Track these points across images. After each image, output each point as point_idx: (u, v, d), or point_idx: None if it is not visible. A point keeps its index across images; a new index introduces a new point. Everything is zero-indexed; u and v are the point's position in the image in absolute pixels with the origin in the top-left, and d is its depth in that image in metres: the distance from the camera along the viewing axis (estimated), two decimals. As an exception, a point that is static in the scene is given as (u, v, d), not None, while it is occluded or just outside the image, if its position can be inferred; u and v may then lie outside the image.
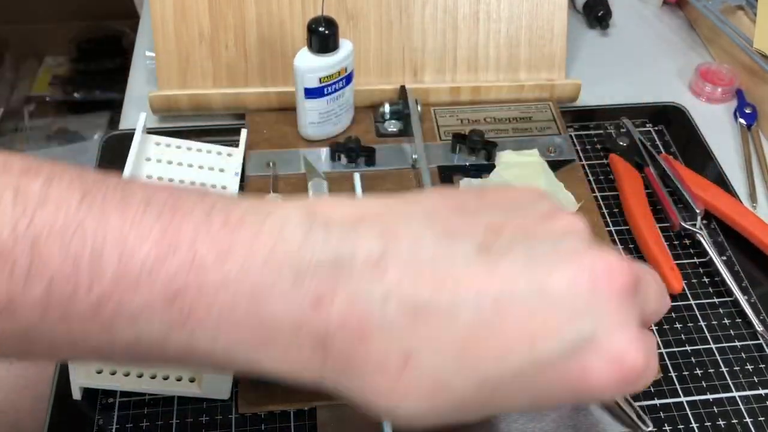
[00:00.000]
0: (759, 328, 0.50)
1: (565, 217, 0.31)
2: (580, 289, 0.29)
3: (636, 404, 0.45)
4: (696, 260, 0.54)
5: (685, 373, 0.48)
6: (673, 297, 0.51)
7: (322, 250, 0.28)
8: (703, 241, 0.54)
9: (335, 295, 0.27)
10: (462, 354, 0.28)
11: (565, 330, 0.28)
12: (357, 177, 0.57)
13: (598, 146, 0.63)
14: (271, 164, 0.58)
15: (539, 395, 0.30)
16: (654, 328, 0.50)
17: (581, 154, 0.62)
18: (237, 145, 0.58)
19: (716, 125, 0.66)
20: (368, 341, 0.27)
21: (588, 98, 0.67)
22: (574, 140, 0.63)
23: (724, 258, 0.54)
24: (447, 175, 0.59)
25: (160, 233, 0.27)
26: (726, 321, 0.50)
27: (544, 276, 0.28)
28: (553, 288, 0.28)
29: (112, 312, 0.27)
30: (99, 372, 0.44)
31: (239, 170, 0.56)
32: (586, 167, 0.61)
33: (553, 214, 0.31)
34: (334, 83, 0.57)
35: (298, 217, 0.28)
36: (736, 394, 0.47)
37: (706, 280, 0.53)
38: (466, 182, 0.57)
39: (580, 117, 0.66)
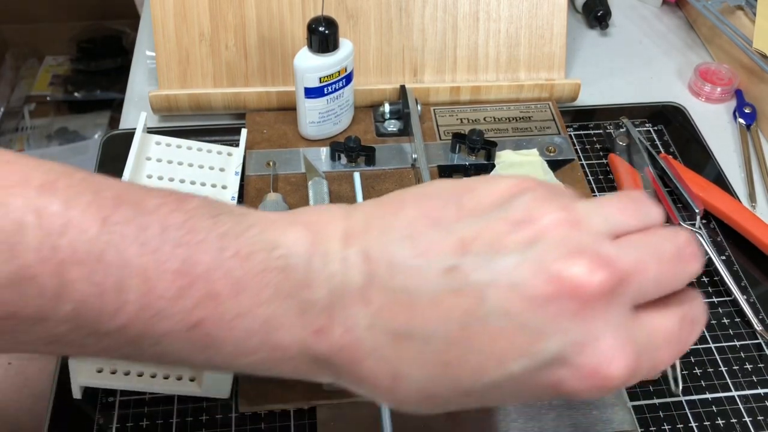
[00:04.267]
0: (758, 327, 0.50)
1: (541, 218, 0.30)
2: (545, 308, 0.28)
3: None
4: (695, 260, 0.54)
5: (685, 372, 0.48)
6: (673, 296, 0.52)
7: (321, 283, 0.30)
8: (702, 241, 0.54)
9: (333, 325, 0.30)
10: (442, 371, 0.30)
11: (532, 350, 0.29)
12: (357, 176, 0.57)
13: (598, 146, 0.63)
14: (271, 164, 0.59)
15: (522, 398, 0.33)
16: (653, 327, 0.50)
17: (581, 154, 0.62)
18: (237, 145, 0.58)
19: (715, 125, 0.66)
20: (360, 364, 0.31)
21: (587, 98, 0.67)
22: (574, 140, 0.63)
23: (723, 258, 0.54)
24: (447, 175, 0.59)
25: (179, 265, 0.29)
26: (725, 321, 0.50)
27: (508, 295, 0.29)
28: (518, 308, 0.29)
29: (137, 335, 0.29)
30: (99, 371, 0.44)
31: (239, 169, 0.56)
32: (586, 167, 0.61)
33: (529, 216, 0.30)
34: (334, 83, 0.57)
35: (301, 251, 0.31)
36: (735, 393, 0.47)
37: (705, 279, 0.53)
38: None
39: (579, 117, 0.66)
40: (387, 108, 0.63)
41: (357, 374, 0.31)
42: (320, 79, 0.56)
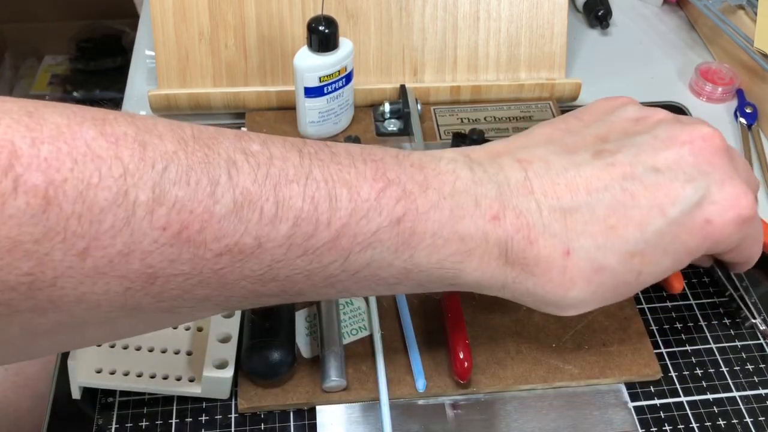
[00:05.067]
0: (761, 327, 0.50)
1: (651, 112, 0.40)
2: (686, 159, 0.37)
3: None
4: (696, 260, 0.54)
5: (685, 373, 0.47)
6: (674, 297, 0.51)
7: (487, 181, 0.36)
8: (703, 241, 0.54)
9: (505, 212, 0.35)
10: (609, 235, 0.36)
11: (685, 193, 0.37)
12: (357, 176, 0.57)
13: (599, 146, 0.63)
14: (270, 163, 0.58)
15: (677, 251, 0.37)
16: (654, 328, 0.50)
17: (581, 154, 0.62)
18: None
19: (717, 125, 0.65)
20: (536, 244, 0.35)
21: (588, 98, 0.67)
22: (575, 140, 0.63)
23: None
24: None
25: (373, 174, 0.33)
26: (726, 321, 0.50)
27: (654, 159, 0.37)
28: (664, 165, 0.37)
29: (348, 242, 0.32)
30: (99, 371, 0.44)
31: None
32: (587, 167, 0.61)
33: (641, 112, 0.40)
34: (334, 82, 0.57)
35: (460, 159, 0.36)
36: (736, 394, 0.46)
37: (706, 279, 0.53)
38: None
39: (580, 116, 0.66)
40: (387, 107, 0.63)
41: (533, 257, 0.35)
42: (320, 78, 0.56)
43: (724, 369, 0.48)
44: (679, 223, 0.37)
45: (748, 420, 0.45)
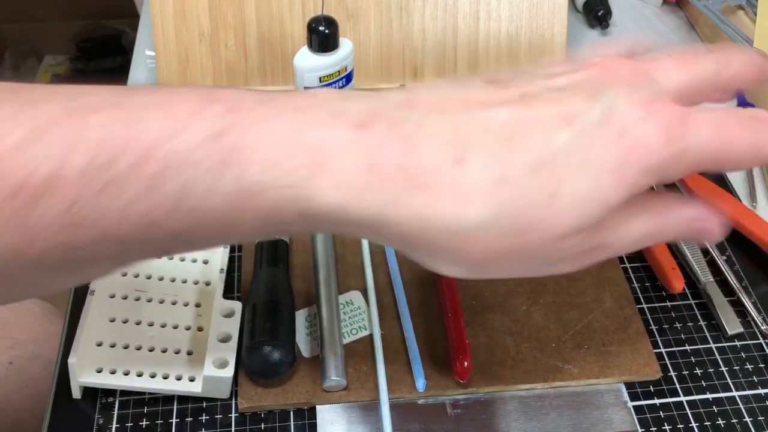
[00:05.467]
0: (762, 327, 0.50)
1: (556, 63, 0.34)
2: (592, 76, 0.32)
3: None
4: (696, 260, 0.54)
5: (685, 372, 0.48)
6: (673, 297, 0.51)
7: (357, 98, 0.30)
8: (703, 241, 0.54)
9: (377, 121, 0.29)
10: (507, 146, 0.29)
11: (590, 103, 0.30)
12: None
13: (598, 146, 0.63)
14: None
15: (595, 168, 0.30)
16: (654, 328, 0.50)
17: (581, 154, 0.62)
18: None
19: (716, 125, 0.66)
20: (416, 151, 0.28)
21: (588, 98, 0.67)
22: (574, 140, 0.63)
23: (725, 257, 0.54)
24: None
25: (196, 97, 0.28)
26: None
27: (552, 81, 0.32)
28: (567, 83, 0.32)
29: (156, 166, 0.27)
30: (99, 371, 0.44)
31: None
32: (586, 167, 0.61)
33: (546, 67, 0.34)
34: (334, 82, 0.57)
35: (326, 88, 0.31)
36: (736, 393, 0.47)
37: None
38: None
39: (580, 116, 0.66)
40: (387, 107, 0.63)
41: (414, 168, 0.28)
42: (320, 78, 0.56)
43: (723, 369, 0.48)
44: (589, 134, 0.30)
45: (748, 420, 0.45)
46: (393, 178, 0.28)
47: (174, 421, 0.44)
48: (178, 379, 0.45)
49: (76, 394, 0.45)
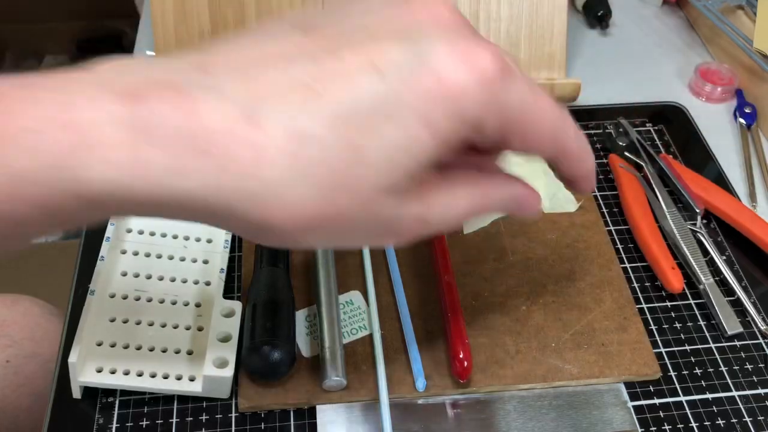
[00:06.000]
0: (761, 327, 0.50)
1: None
2: (402, 18, 0.29)
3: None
4: (696, 260, 0.54)
5: (685, 372, 0.48)
6: (673, 297, 0.52)
7: (135, 68, 0.27)
8: (703, 241, 0.54)
9: (154, 90, 0.26)
10: (309, 97, 0.27)
11: (402, 47, 0.28)
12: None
13: (598, 146, 0.63)
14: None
15: (407, 119, 0.28)
16: (654, 328, 0.50)
17: (581, 154, 0.62)
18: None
19: (716, 125, 0.66)
20: (196, 112, 0.26)
21: (588, 98, 0.67)
22: (574, 140, 0.63)
23: (724, 257, 0.54)
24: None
25: None
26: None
27: (366, 17, 0.29)
28: (375, 24, 0.29)
29: None
30: (99, 371, 0.44)
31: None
32: (586, 167, 0.61)
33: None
34: (334, 82, 0.57)
35: (111, 59, 0.28)
36: (735, 393, 0.47)
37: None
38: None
39: (579, 116, 0.66)
40: (387, 107, 0.63)
41: (196, 131, 0.26)
42: (320, 78, 0.56)
43: (723, 369, 0.48)
44: (400, 80, 0.27)
45: (748, 420, 0.45)
46: (172, 145, 0.25)
47: (174, 421, 0.45)
48: (178, 379, 0.45)
49: (76, 394, 0.45)
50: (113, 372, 0.44)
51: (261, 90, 0.27)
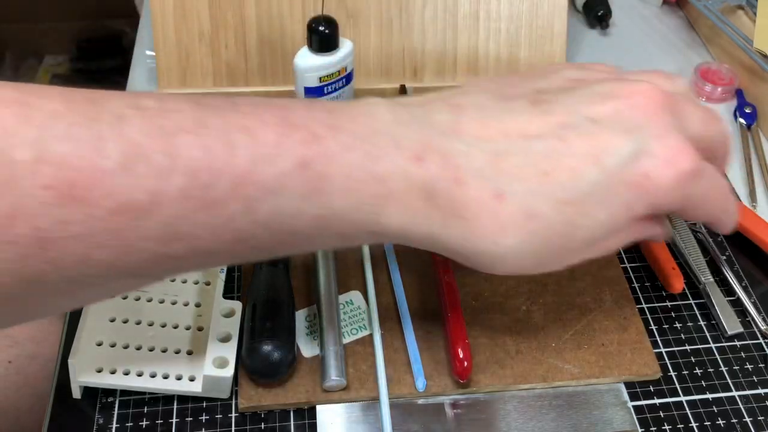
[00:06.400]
0: (761, 327, 0.50)
1: (590, 73, 0.39)
2: (624, 112, 0.36)
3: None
4: (696, 260, 0.54)
5: (685, 372, 0.48)
6: (673, 297, 0.52)
7: (410, 121, 0.34)
8: (703, 241, 0.54)
9: (430, 153, 0.33)
10: (542, 181, 0.34)
11: (621, 144, 0.35)
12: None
13: (598, 146, 0.63)
14: (271, 163, 0.58)
15: (613, 204, 0.35)
16: (654, 328, 0.50)
17: (581, 154, 0.62)
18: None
19: (716, 125, 0.66)
20: (465, 185, 0.33)
21: (588, 98, 0.67)
22: (574, 140, 0.63)
23: (725, 257, 0.54)
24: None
25: (277, 120, 0.31)
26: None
27: (592, 109, 0.36)
28: (602, 116, 0.35)
29: (250, 190, 0.30)
30: (99, 371, 0.44)
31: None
32: (586, 167, 0.61)
33: (582, 74, 0.39)
34: (334, 82, 0.57)
35: (382, 103, 0.34)
36: (735, 393, 0.47)
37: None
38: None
39: (580, 116, 0.66)
40: (387, 107, 0.63)
41: (461, 200, 0.33)
42: (320, 78, 0.56)
43: (723, 369, 0.48)
44: (615, 173, 0.35)
45: (748, 420, 0.45)
46: (444, 207, 0.33)
47: (174, 421, 0.44)
48: (178, 378, 0.45)
49: (76, 394, 0.45)
50: (113, 372, 0.44)
51: (506, 169, 0.34)
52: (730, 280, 0.52)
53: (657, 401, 0.46)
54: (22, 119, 0.27)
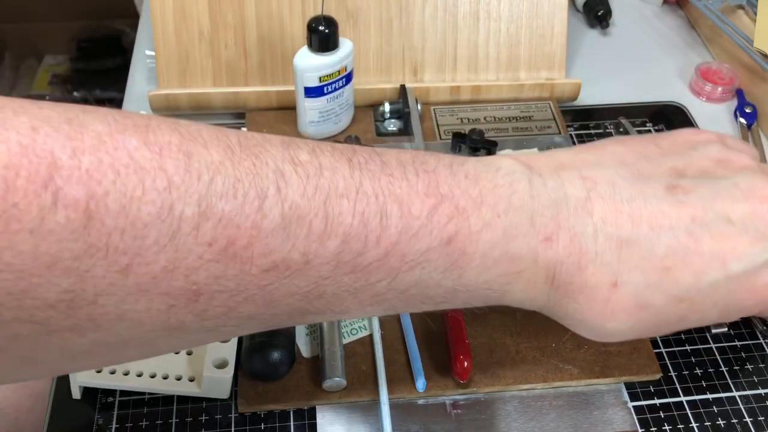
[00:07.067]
0: (761, 327, 0.50)
1: (737, 155, 0.38)
2: (762, 215, 0.35)
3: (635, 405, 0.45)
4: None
5: (685, 372, 0.48)
6: (673, 296, 0.51)
7: (545, 196, 0.34)
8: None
9: (559, 234, 0.33)
10: (662, 276, 0.34)
11: (752, 251, 0.34)
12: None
13: (598, 146, 0.63)
14: (270, 163, 0.58)
15: (728, 307, 0.35)
16: (654, 327, 0.50)
17: (581, 154, 0.62)
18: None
19: (716, 125, 0.66)
20: (585, 270, 0.34)
21: (588, 98, 0.67)
22: (574, 139, 0.63)
23: (724, 257, 0.54)
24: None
25: (425, 188, 0.32)
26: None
27: (729, 207, 0.35)
28: (738, 217, 0.34)
29: (397, 260, 0.31)
30: (99, 371, 0.44)
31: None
32: (586, 167, 0.61)
33: (726, 154, 0.37)
34: (334, 82, 0.57)
35: (519, 170, 0.34)
36: (736, 393, 0.47)
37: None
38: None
39: (580, 116, 0.66)
40: (387, 107, 0.63)
41: (579, 284, 0.34)
42: (320, 78, 0.56)
43: (723, 369, 0.48)
44: (739, 280, 0.34)
45: (748, 420, 0.45)
46: (562, 288, 0.34)
47: (174, 421, 0.44)
48: (178, 379, 0.45)
49: (76, 394, 0.45)
50: (113, 372, 0.44)
51: (628, 258, 0.34)
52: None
53: (657, 401, 0.46)
54: (187, 173, 0.27)
